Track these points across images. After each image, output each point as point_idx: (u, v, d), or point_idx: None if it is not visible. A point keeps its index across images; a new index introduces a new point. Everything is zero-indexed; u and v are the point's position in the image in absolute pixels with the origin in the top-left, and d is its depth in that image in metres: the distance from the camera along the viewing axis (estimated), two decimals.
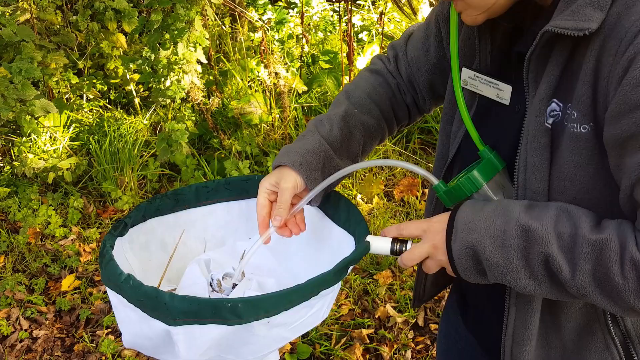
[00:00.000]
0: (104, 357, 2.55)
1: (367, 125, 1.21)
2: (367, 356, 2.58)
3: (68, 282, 2.89)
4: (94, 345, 2.61)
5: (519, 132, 0.96)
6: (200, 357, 0.96)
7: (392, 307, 2.77)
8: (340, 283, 1.03)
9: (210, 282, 1.20)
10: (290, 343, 2.59)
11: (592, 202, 0.89)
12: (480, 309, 1.22)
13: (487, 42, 1.03)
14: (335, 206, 1.21)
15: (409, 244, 1.03)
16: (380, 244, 1.05)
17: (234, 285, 1.20)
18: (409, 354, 2.59)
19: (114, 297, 0.99)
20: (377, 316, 2.74)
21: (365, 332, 2.66)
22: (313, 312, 1.01)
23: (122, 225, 1.14)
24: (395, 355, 2.58)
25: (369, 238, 1.05)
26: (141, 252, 1.19)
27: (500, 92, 1.02)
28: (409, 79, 1.28)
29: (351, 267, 1.02)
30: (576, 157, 0.88)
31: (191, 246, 1.28)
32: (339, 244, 1.17)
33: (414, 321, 2.71)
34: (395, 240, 1.04)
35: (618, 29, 0.80)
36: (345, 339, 2.63)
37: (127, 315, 0.98)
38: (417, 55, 1.24)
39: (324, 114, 1.21)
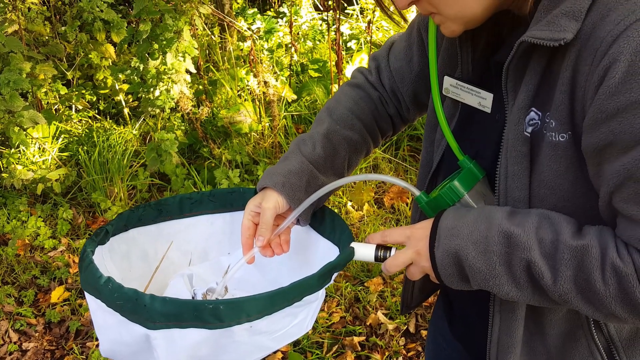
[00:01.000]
0: None
1: (351, 141, 1.21)
2: None
3: (57, 294, 2.88)
4: (83, 357, 2.59)
5: (499, 140, 0.97)
6: None
7: (383, 314, 2.77)
8: (324, 293, 1.03)
9: (193, 297, 1.20)
10: (282, 352, 2.58)
11: (572, 209, 0.90)
12: (467, 316, 1.22)
13: (469, 50, 1.04)
14: (320, 218, 1.21)
15: (393, 250, 1.03)
16: (364, 251, 1.05)
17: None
18: None
19: (93, 302, 0.98)
20: (368, 323, 2.74)
21: (356, 339, 2.66)
22: (297, 322, 1.01)
23: (104, 233, 1.12)
24: None
25: (353, 244, 1.06)
26: (122, 262, 1.17)
27: (482, 100, 1.03)
28: (392, 90, 1.28)
29: (335, 274, 1.02)
30: (555, 165, 0.89)
31: (172, 258, 1.26)
32: (324, 255, 1.17)
33: (405, 328, 2.71)
34: (379, 246, 1.05)
35: (593, 39, 0.81)
36: (336, 346, 2.62)
37: (105, 320, 0.97)
38: (400, 66, 1.25)
39: (306, 133, 1.21)
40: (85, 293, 1.00)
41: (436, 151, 1.15)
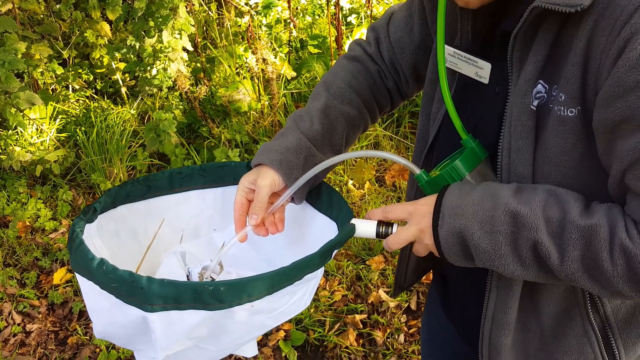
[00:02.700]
0: (97, 349, 2.55)
1: (349, 116, 1.18)
2: (361, 341, 2.59)
3: (60, 275, 2.88)
4: (87, 337, 2.61)
5: (501, 114, 0.94)
6: (177, 346, 0.94)
7: (384, 292, 2.78)
8: (323, 269, 1.02)
9: (188, 275, 1.17)
10: (284, 330, 2.60)
11: (577, 186, 0.88)
12: (460, 295, 1.21)
13: (469, 19, 1.00)
14: (316, 193, 1.18)
15: (395, 226, 1.01)
16: (365, 227, 1.03)
17: (212, 279, 1.18)
18: (402, 337, 2.60)
19: (85, 284, 0.95)
20: (370, 301, 2.75)
21: (358, 317, 2.67)
22: (295, 300, 0.99)
23: (92, 210, 1.08)
24: (389, 340, 2.59)
25: (354, 221, 1.04)
26: (110, 240, 1.13)
27: (480, 70, 1.00)
28: (391, 62, 1.24)
29: (335, 251, 1.00)
30: (562, 141, 0.86)
31: (163, 235, 1.23)
32: (321, 231, 1.15)
33: (406, 305, 2.72)
34: (380, 223, 1.02)
35: (613, 7, 0.77)
36: (338, 324, 2.63)
37: (98, 302, 0.95)
38: (400, 36, 1.21)
39: (303, 108, 1.18)
40: (77, 274, 0.97)
41: (432, 125, 1.13)
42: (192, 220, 1.25)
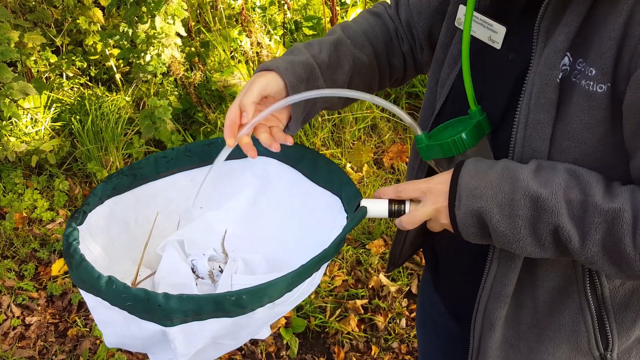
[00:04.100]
0: (98, 341, 2.54)
1: (358, 60, 1.14)
2: (362, 326, 2.59)
3: (58, 267, 2.87)
4: (87, 329, 2.60)
5: (515, 83, 0.91)
6: (197, 350, 0.92)
7: (385, 276, 2.77)
8: None
9: (193, 269, 1.15)
10: (285, 317, 2.59)
11: (594, 165, 0.86)
12: (453, 271, 1.19)
13: None
14: (313, 165, 1.14)
15: (408, 204, 0.98)
16: (377, 207, 1.00)
17: (221, 270, 1.16)
18: (403, 322, 2.60)
19: (91, 299, 0.92)
20: (370, 286, 2.74)
21: (359, 302, 2.66)
22: (309, 284, 0.97)
23: (82, 215, 1.05)
24: (390, 324, 2.58)
25: (364, 202, 1.01)
26: (102, 237, 1.10)
27: (493, 34, 0.97)
28: (407, 24, 1.22)
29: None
30: (586, 118, 0.83)
31: (156, 222, 1.19)
32: (323, 205, 1.11)
33: (407, 289, 2.71)
34: (392, 201, 0.99)
35: None
36: (339, 310, 2.63)
37: (109, 317, 0.92)
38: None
39: (314, 39, 1.15)
40: (81, 290, 0.93)
41: (440, 92, 1.10)
42: (183, 202, 1.21)
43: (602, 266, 0.85)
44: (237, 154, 1.14)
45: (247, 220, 1.16)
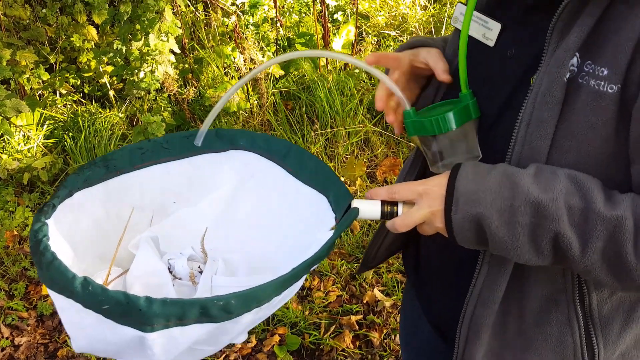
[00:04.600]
0: None
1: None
2: (357, 343, 2.56)
3: None
4: None
5: (516, 81, 0.91)
6: (175, 357, 0.88)
7: (379, 290, 2.74)
8: None
9: (170, 268, 1.09)
10: (279, 335, 2.56)
11: (593, 168, 0.85)
12: (438, 277, 1.17)
13: None
14: (299, 162, 1.10)
15: (400, 206, 0.96)
16: (369, 208, 0.97)
17: (200, 270, 1.11)
18: (398, 338, 2.57)
19: (62, 301, 0.84)
20: (365, 301, 2.71)
21: (354, 318, 2.63)
22: (294, 286, 0.93)
23: (51, 208, 0.97)
24: (385, 340, 2.56)
25: (355, 203, 0.98)
26: (70, 232, 1.02)
27: (488, 31, 0.97)
28: None
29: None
30: (593, 117, 0.83)
31: (125, 217, 1.12)
32: (308, 205, 1.07)
33: (401, 303, 2.69)
34: (384, 202, 0.97)
35: None
36: (334, 326, 2.60)
37: (81, 320, 0.84)
38: None
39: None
40: (50, 290, 0.86)
41: (440, 85, 1.10)
42: (158, 197, 1.14)
43: (600, 275, 0.83)
44: (215, 146, 1.10)
45: (226, 219, 1.10)
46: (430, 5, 4.60)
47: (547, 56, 0.88)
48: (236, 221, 1.15)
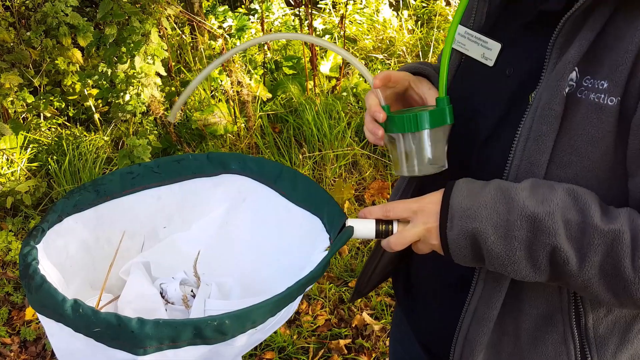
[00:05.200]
0: None
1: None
2: None
3: (32, 311, 2.78)
4: None
5: (512, 98, 0.92)
6: None
7: (368, 314, 2.72)
8: None
9: (162, 293, 1.09)
10: None
11: (592, 181, 0.85)
12: (431, 297, 1.16)
13: (486, 1, 0.99)
14: (291, 184, 1.09)
15: (395, 224, 0.95)
16: (363, 227, 0.96)
17: (193, 295, 1.09)
18: None
19: (52, 326, 0.83)
20: (354, 325, 2.69)
21: (342, 342, 2.60)
22: (290, 308, 0.92)
23: (40, 232, 0.96)
24: None
25: (350, 222, 0.97)
26: (59, 258, 1.01)
27: (487, 51, 0.98)
28: None
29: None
30: (593, 130, 0.83)
31: (116, 242, 1.11)
32: (302, 226, 1.06)
33: (390, 328, 2.66)
34: (379, 221, 0.96)
35: None
36: (322, 351, 2.56)
37: (70, 344, 0.83)
38: None
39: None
40: (40, 315, 0.84)
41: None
42: (149, 222, 1.13)
43: (597, 290, 0.83)
44: (206, 170, 1.09)
45: (219, 242, 1.09)
46: (418, 29, 4.65)
47: (547, 71, 0.88)
48: (229, 245, 1.13)
